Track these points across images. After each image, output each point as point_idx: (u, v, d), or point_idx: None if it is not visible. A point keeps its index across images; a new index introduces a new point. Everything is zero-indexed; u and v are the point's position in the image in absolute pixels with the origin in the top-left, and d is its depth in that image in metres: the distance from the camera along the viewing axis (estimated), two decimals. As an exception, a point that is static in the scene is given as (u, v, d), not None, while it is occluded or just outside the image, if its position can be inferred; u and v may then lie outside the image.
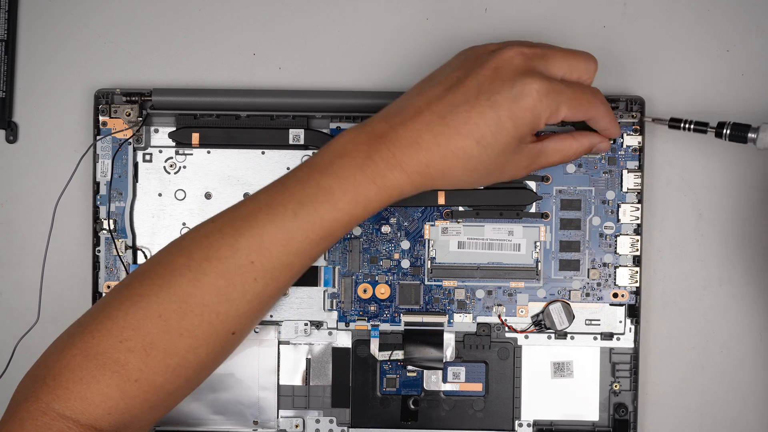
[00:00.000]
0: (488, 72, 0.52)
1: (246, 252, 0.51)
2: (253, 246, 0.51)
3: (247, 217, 0.52)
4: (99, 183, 0.62)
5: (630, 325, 0.62)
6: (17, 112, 0.64)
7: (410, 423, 0.63)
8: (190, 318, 0.51)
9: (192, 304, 0.51)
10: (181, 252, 0.52)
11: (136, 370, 0.50)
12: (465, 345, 0.63)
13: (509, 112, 0.51)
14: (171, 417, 0.62)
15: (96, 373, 0.49)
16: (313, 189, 0.51)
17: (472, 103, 0.51)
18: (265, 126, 0.62)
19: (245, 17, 0.64)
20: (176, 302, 0.51)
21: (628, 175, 0.62)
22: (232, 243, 0.51)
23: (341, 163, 0.52)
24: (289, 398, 0.63)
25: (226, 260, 0.51)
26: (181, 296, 0.51)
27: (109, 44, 0.64)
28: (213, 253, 0.51)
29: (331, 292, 0.63)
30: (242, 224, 0.52)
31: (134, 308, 0.51)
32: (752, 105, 0.63)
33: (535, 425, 0.63)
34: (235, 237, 0.51)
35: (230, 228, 0.52)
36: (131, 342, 0.50)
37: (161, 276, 0.51)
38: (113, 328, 0.50)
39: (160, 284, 0.51)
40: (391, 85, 0.64)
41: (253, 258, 0.51)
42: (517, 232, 0.62)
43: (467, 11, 0.64)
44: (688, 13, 0.64)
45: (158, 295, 0.51)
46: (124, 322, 0.50)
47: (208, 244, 0.52)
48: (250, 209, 0.52)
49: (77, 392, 0.49)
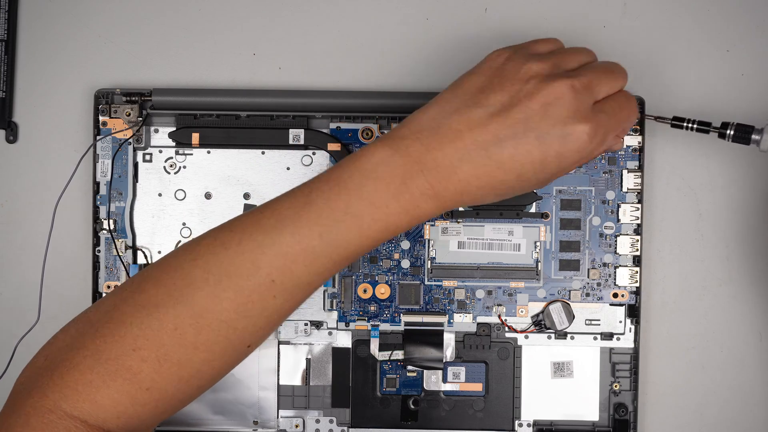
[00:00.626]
0: (537, 107, 0.49)
1: (268, 270, 0.49)
2: (276, 264, 0.49)
3: (270, 232, 0.49)
4: (99, 183, 0.62)
5: (630, 325, 0.62)
6: (17, 112, 0.64)
7: (410, 423, 0.63)
8: (207, 333, 0.49)
9: (209, 319, 0.49)
10: (196, 262, 0.50)
11: (148, 379, 0.49)
12: (465, 345, 0.63)
13: (557, 153, 0.49)
14: (171, 417, 0.62)
15: (107, 378, 0.48)
16: (341, 213, 0.49)
17: (520, 139, 0.49)
18: (265, 126, 0.62)
19: (245, 17, 0.64)
20: (193, 317, 0.49)
21: (628, 175, 0.62)
22: (253, 260, 0.49)
23: (374, 188, 0.49)
24: (289, 398, 0.63)
25: (247, 278, 0.49)
26: (198, 311, 0.49)
27: (109, 44, 0.64)
28: (233, 269, 0.49)
29: (331, 292, 0.63)
30: (264, 239, 0.49)
31: (149, 318, 0.49)
32: (752, 105, 0.63)
33: (535, 425, 0.63)
34: (256, 254, 0.49)
35: (251, 242, 0.49)
36: (144, 352, 0.49)
37: (178, 288, 0.49)
38: (126, 336, 0.49)
39: (176, 297, 0.49)
40: (391, 85, 0.64)
41: (275, 277, 0.49)
42: (517, 232, 0.62)
43: (467, 11, 0.64)
44: (688, 13, 0.64)
45: (174, 308, 0.49)
46: (138, 330, 0.49)
47: (228, 259, 0.49)
48: (271, 223, 0.50)
49: (86, 395, 0.48)
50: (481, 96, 0.50)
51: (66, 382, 0.48)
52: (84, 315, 0.52)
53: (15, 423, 0.48)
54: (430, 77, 0.64)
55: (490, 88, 0.50)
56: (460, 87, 0.51)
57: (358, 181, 0.49)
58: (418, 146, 0.49)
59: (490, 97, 0.50)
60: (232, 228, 0.51)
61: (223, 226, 0.51)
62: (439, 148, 0.49)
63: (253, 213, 0.51)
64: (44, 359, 0.50)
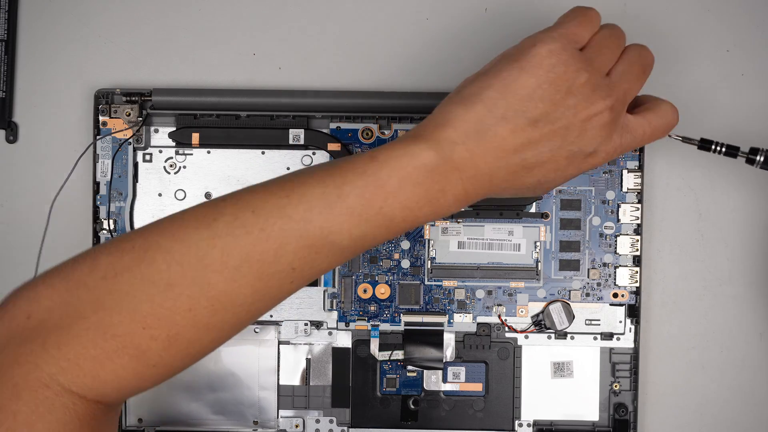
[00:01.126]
0: (579, 123, 0.50)
1: (290, 259, 0.48)
2: (300, 255, 0.48)
3: (298, 222, 0.48)
4: (99, 183, 0.62)
5: (630, 325, 0.62)
6: (17, 112, 0.64)
7: (410, 423, 0.63)
8: (221, 315, 0.48)
9: (225, 302, 0.48)
10: (214, 242, 0.47)
11: (155, 357, 0.47)
12: (465, 345, 0.63)
13: (578, 169, 0.51)
14: (171, 417, 0.62)
15: (112, 354, 0.46)
16: (374, 213, 0.48)
17: (555, 151, 0.50)
18: (265, 126, 0.62)
19: (245, 17, 0.64)
20: (209, 299, 0.47)
21: (628, 175, 0.62)
22: (277, 248, 0.48)
23: (412, 193, 0.48)
24: (289, 398, 0.63)
25: (269, 265, 0.48)
26: (215, 295, 0.47)
27: (109, 44, 0.64)
28: (255, 255, 0.47)
29: (331, 292, 0.63)
30: (291, 229, 0.48)
31: (161, 297, 0.47)
32: (752, 105, 0.63)
33: (535, 425, 0.63)
34: (281, 242, 0.47)
35: (277, 231, 0.47)
36: (155, 331, 0.46)
37: (195, 268, 0.47)
38: (135, 313, 0.46)
39: (192, 278, 0.47)
40: (391, 85, 0.64)
41: (296, 265, 0.48)
42: (517, 232, 0.62)
43: (467, 11, 0.64)
44: (688, 13, 0.64)
45: (190, 289, 0.47)
46: (149, 309, 0.46)
47: (250, 244, 0.47)
48: (301, 214, 0.48)
49: (89, 370, 0.46)
50: (529, 104, 0.49)
51: (64, 354, 0.46)
52: (73, 272, 0.48)
53: (0, 393, 0.45)
54: (430, 77, 0.64)
55: (539, 97, 0.49)
56: (508, 89, 0.50)
57: (397, 184, 0.48)
58: (463, 153, 0.49)
59: (539, 106, 0.49)
60: (255, 209, 0.48)
61: (243, 203, 0.49)
62: (483, 155, 0.49)
63: (276, 192, 0.49)
64: (27, 317, 0.46)
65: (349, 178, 0.48)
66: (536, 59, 0.50)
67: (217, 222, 0.48)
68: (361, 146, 0.62)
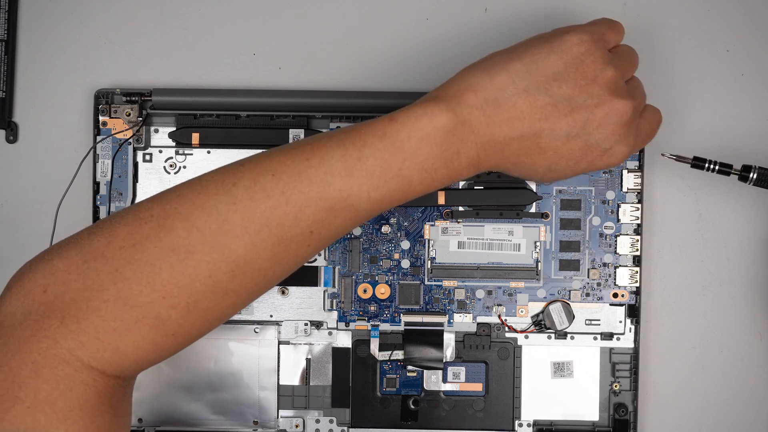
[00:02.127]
0: (601, 116, 0.51)
1: (309, 223, 0.48)
2: (318, 218, 0.48)
3: (318, 185, 0.48)
4: (99, 183, 0.62)
5: (630, 325, 0.62)
6: (17, 112, 0.64)
7: (410, 423, 0.63)
8: (240, 280, 0.48)
9: (245, 268, 0.48)
10: (235, 207, 0.47)
11: (175, 326, 0.47)
12: (465, 345, 0.63)
13: (591, 163, 0.52)
14: (171, 417, 0.62)
15: (132, 325, 0.46)
16: (393, 174, 0.49)
17: (572, 138, 0.51)
18: (265, 126, 0.62)
19: (245, 17, 0.64)
20: (229, 265, 0.47)
21: (628, 175, 0.62)
22: (297, 212, 0.48)
23: (430, 154, 0.49)
24: (289, 398, 0.63)
25: (288, 229, 0.48)
26: (235, 260, 0.47)
27: (109, 44, 0.64)
28: (275, 220, 0.47)
29: (331, 292, 0.63)
30: (310, 192, 0.48)
31: (181, 265, 0.46)
32: (752, 106, 0.63)
33: (535, 425, 0.63)
34: (300, 206, 0.48)
35: (297, 194, 0.48)
36: (175, 299, 0.46)
37: (214, 234, 0.47)
38: (155, 282, 0.46)
39: (212, 244, 0.47)
40: (391, 85, 0.64)
41: (314, 228, 0.48)
42: (517, 232, 0.62)
43: (467, 11, 0.64)
44: (688, 13, 0.64)
45: (210, 255, 0.47)
46: (169, 277, 0.46)
47: (270, 209, 0.47)
48: (321, 177, 0.48)
49: (109, 343, 0.45)
50: (553, 84, 0.50)
51: (84, 328, 0.45)
52: (90, 242, 0.47)
53: (20, 371, 0.44)
54: (430, 77, 0.64)
55: (564, 79, 0.51)
56: (536, 64, 0.51)
57: (416, 145, 0.49)
58: (480, 117, 0.50)
59: (563, 88, 0.51)
60: (275, 172, 0.48)
61: (263, 167, 0.49)
62: (499, 124, 0.50)
63: (296, 156, 0.49)
64: (43, 291, 0.46)
65: (368, 141, 0.49)
66: (567, 44, 0.51)
67: (237, 187, 0.48)
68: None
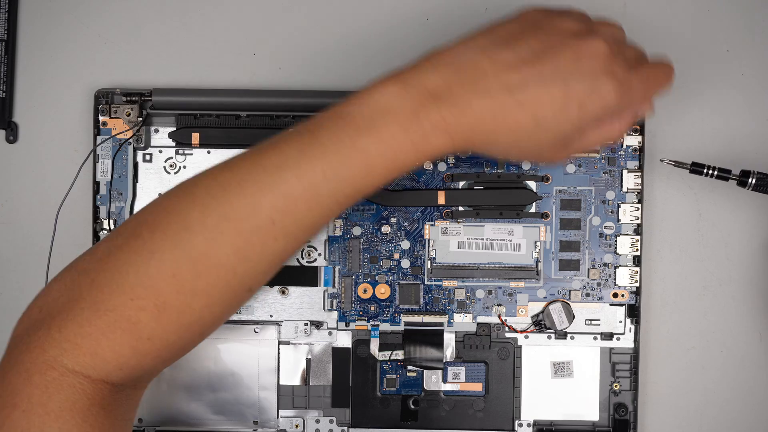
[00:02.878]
0: (570, 58, 0.48)
1: (268, 212, 0.48)
2: (278, 206, 0.48)
3: (272, 172, 0.48)
4: (99, 183, 0.62)
5: (630, 325, 0.62)
6: (17, 112, 0.64)
7: (410, 423, 0.63)
8: (206, 278, 0.48)
9: (208, 264, 0.47)
10: (194, 205, 0.48)
11: (148, 329, 0.47)
12: (465, 345, 0.63)
13: (580, 102, 0.48)
14: (171, 417, 0.62)
15: (106, 329, 0.47)
16: (347, 149, 0.47)
17: (547, 82, 0.48)
18: (265, 126, 0.62)
19: (245, 17, 0.64)
20: (191, 262, 0.47)
21: (628, 175, 0.62)
22: (253, 202, 0.47)
23: (383, 121, 0.47)
24: (289, 398, 0.63)
25: (245, 220, 0.47)
26: (197, 256, 0.47)
27: (109, 44, 0.64)
28: (232, 212, 0.47)
29: (331, 292, 0.63)
30: (266, 179, 0.48)
31: (145, 266, 0.47)
32: (752, 106, 0.63)
33: (535, 425, 0.63)
34: (256, 195, 0.47)
35: (252, 183, 0.48)
36: (143, 301, 0.47)
37: (174, 232, 0.48)
38: (124, 284, 0.47)
39: (173, 241, 0.47)
40: (391, 85, 0.64)
41: (275, 218, 0.48)
42: (517, 232, 0.62)
43: (467, 11, 0.64)
44: (688, 13, 0.64)
45: (172, 253, 0.47)
46: (135, 279, 0.47)
47: (226, 200, 0.48)
48: (274, 162, 0.48)
49: (87, 348, 0.47)
50: (512, 40, 0.49)
51: (64, 335, 0.47)
52: (78, 263, 0.50)
53: (16, 380, 0.46)
54: (430, 77, 0.64)
55: (523, 36, 0.49)
56: (491, 31, 0.50)
57: (368, 116, 0.48)
58: (435, 78, 0.48)
59: (523, 42, 0.49)
60: (233, 168, 0.49)
61: (223, 166, 0.49)
62: (459, 82, 0.48)
63: (255, 151, 0.49)
64: (39, 311, 0.48)
65: (321, 123, 0.49)
66: (522, 15, 0.51)
67: (197, 186, 0.49)
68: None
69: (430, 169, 0.62)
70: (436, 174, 0.62)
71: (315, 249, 0.62)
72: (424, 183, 0.62)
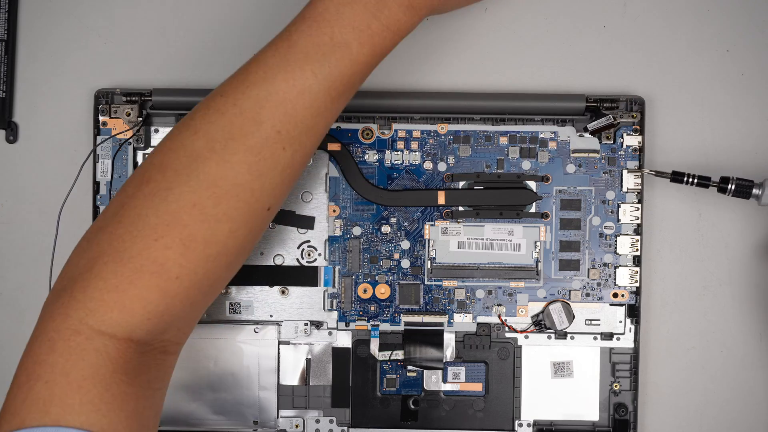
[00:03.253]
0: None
1: (271, 122, 0.49)
2: (277, 114, 0.49)
3: (262, 84, 0.49)
4: (99, 183, 0.62)
5: (630, 325, 0.62)
6: (17, 112, 0.64)
7: (410, 423, 0.63)
8: (226, 201, 0.48)
9: (225, 186, 0.48)
10: (197, 136, 0.49)
11: (176, 267, 0.47)
12: (465, 345, 0.63)
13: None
14: (171, 417, 0.62)
15: (133, 277, 0.47)
16: (328, 45, 0.49)
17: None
18: (265, 126, 0.62)
19: (245, 17, 0.64)
20: (209, 188, 0.48)
21: (628, 175, 0.62)
22: (253, 116, 0.48)
23: (352, 12, 0.50)
24: (289, 398, 0.63)
25: (252, 135, 0.48)
26: (213, 180, 0.48)
27: (109, 44, 0.64)
28: (236, 130, 0.48)
29: (331, 292, 0.63)
30: (259, 93, 0.49)
31: (164, 203, 0.47)
32: (752, 106, 0.63)
33: (535, 425, 0.63)
34: (255, 110, 0.49)
35: (247, 100, 0.49)
36: (167, 238, 0.47)
37: (185, 164, 0.48)
38: (145, 228, 0.47)
39: (186, 173, 0.48)
40: (391, 85, 0.64)
41: (279, 127, 0.49)
42: (517, 232, 0.62)
43: (467, 11, 0.64)
44: (688, 13, 0.64)
45: (187, 185, 0.48)
46: (156, 218, 0.47)
47: (228, 122, 0.48)
48: (262, 76, 0.49)
49: (113, 301, 0.46)
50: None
51: (89, 295, 0.46)
52: (92, 226, 0.50)
53: (39, 350, 0.46)
54: (430, 77, 0.64)
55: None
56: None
57: (336, 10, 0.50)
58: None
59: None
60: (223, 92, 0.50)
61: (213, 95, 0.50)
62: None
63: (239, 73, 0.51)
64: (61, 280, 0.48)
65: (293, 29, 0.50)
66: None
67: (194, 119, 0.50)
68: (361, 146, 0.62)
69: (431, 169, 0.62)
70: (436, 174, 0.62)
71: (315, 249, 0.62)
72: (424, 183, 0.63)
